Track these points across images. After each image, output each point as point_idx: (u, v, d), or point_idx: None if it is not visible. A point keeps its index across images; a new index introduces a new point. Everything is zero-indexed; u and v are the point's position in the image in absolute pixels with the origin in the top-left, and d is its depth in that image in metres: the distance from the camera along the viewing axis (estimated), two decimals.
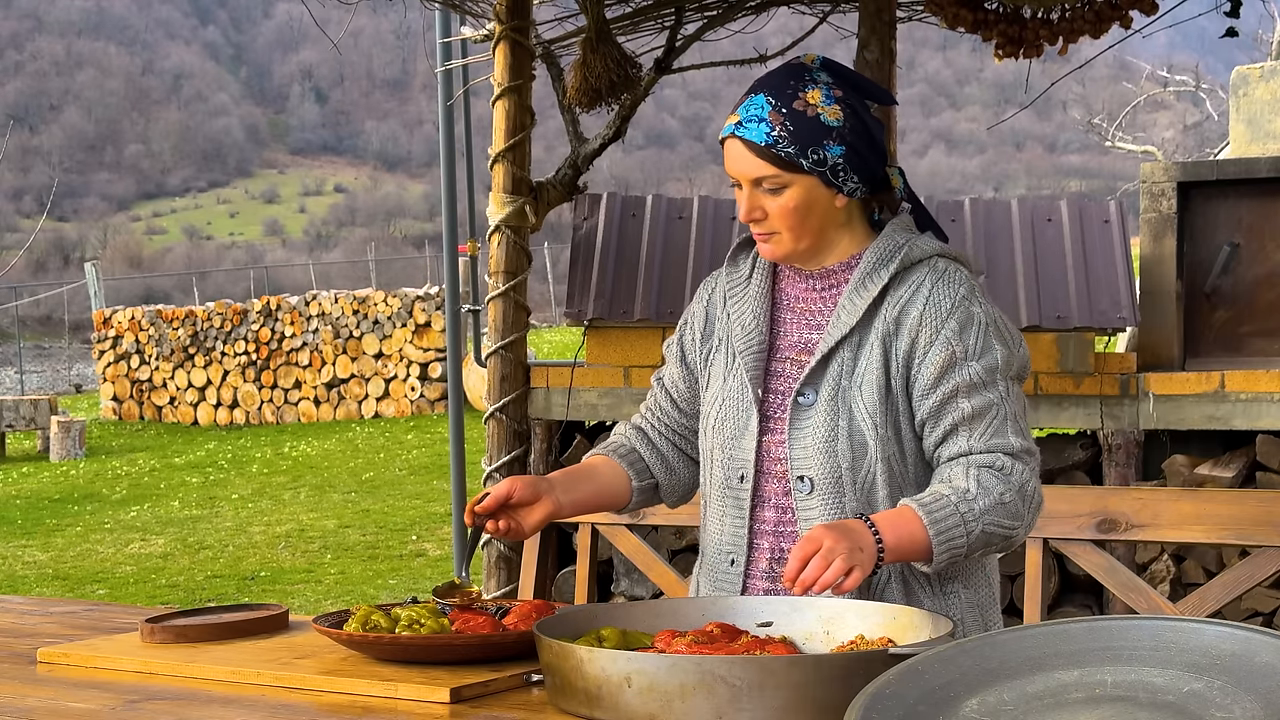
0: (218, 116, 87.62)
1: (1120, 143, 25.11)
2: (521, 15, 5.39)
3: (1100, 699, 1.85)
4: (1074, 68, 5.53)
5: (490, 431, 5.56)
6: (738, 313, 2.45)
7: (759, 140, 2.30)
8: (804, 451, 2.32)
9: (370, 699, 2.04)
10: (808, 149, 2.30)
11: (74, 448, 16.63)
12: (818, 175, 2.31)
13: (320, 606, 8.33)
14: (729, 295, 2.48)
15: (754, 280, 2.46)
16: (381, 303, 17.47)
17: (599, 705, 1.84)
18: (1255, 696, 1.81)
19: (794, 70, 2.36)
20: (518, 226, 5.47)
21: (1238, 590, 2.72)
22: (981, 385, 2.28)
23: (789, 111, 2.31)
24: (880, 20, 4.92)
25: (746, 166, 2.32)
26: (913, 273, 2.35)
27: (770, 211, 2.33)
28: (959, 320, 2.30)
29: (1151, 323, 5.46)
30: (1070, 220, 5.65)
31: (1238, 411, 5.11)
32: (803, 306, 2.42)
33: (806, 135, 2.30)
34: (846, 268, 2.39)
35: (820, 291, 2.41)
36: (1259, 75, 6.91)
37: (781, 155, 2.29)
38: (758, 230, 2.37)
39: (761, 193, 2.33)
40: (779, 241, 2.36)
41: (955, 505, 2.20)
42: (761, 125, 2.31)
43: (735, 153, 2.33)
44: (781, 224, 2.34)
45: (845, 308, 2.34)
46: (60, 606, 2.93)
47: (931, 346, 2.29)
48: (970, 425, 2.28)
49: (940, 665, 1.87)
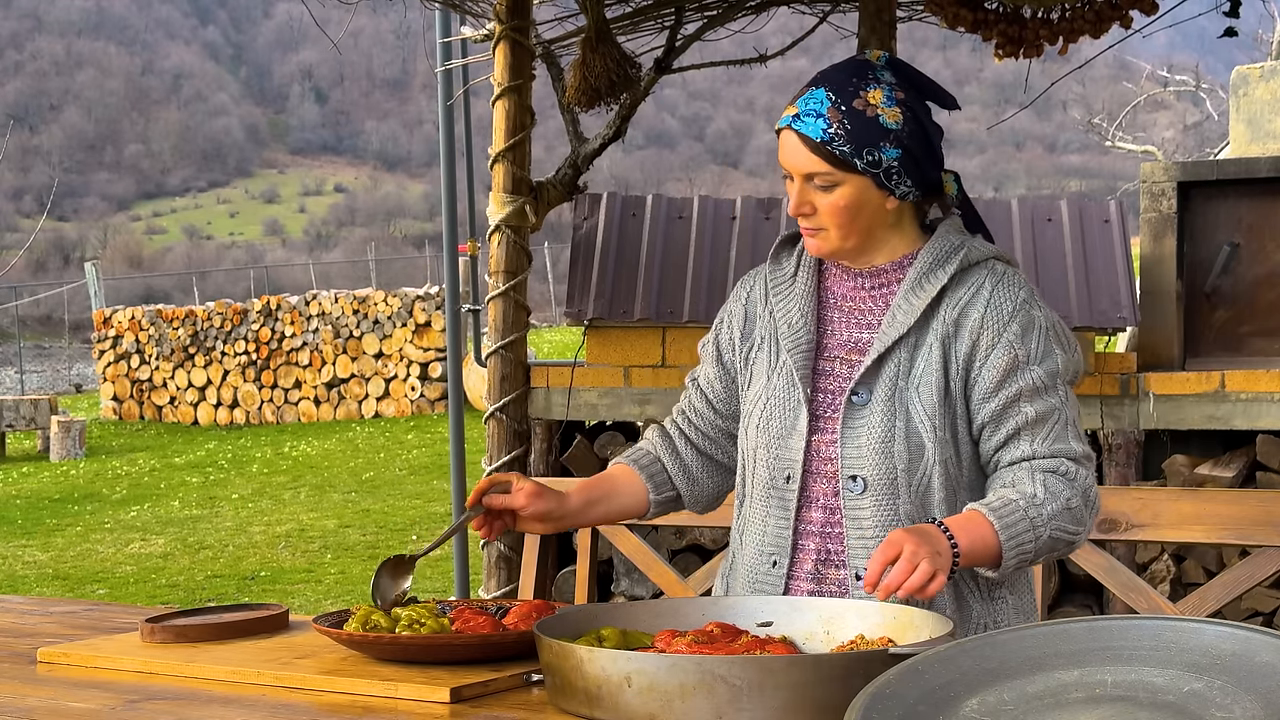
0: (218, 116, 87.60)
1: (1120, 143, 25.10)
2: (521, 15, 5.39)
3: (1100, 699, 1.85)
4: (1074, 68, 5.53)
5: (490, 431, 5.56)
6: (783, 310, 2.41)
7: (815, 136, 2.27)
8: (857, 451, 2.29)
9: (370, 699, 2.04)
10: (863, 150, 2.26)
11: (74, 448, 16.63)
12: (870, 177, 2.28)
13: (320, 606, 8.33)
14: (772, 292, 2.44)
15: (800, 278, 2.43)
16: (381, 303, 17.47)
17: (599, 705, 1.84)
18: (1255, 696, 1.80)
19: (858, 66, 2.33)
20: (518, 226, 5.47)
21: (1238, 590, 2.72)
22: (1043, 390, 2.27)
23: (848, 110, 2.27)
24: (880, 20, 4.92)
25: (800, 161, 2.29)
26: (971, 274, 2.33)
27: (819, 208, 2.31)
28: (1021, 324, 2.29)
29: (1151, 323, 5.46)
30: (1070, 220, 5.65)
31: (1238, 411, 5.11)
32: (851, 305, 2.39)
33: (863, 136, 2.27)
34: (898, 267, 2.36)
35: (870, 290, 2.38)
36: (1259, 75, 6.91)
37: (836, 154, 2.26)
38: (805, 225, 2.34)
39: (812, 188, 2.30)
40: (825, 238, 2.33)
41: (1024, 510, 2.19)
42: (819, 121, 2.28)
43: (790, 146, 2.30)
44: (830, 221, 2.31)
45: (901, 307, 2.32)
46: (60, 606, 2.93)
47: (994, 350, 2.28)
48: (1033, 430, 2.27)
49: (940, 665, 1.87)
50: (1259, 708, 1.78)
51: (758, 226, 5.82)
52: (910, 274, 2.33)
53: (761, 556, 2.37)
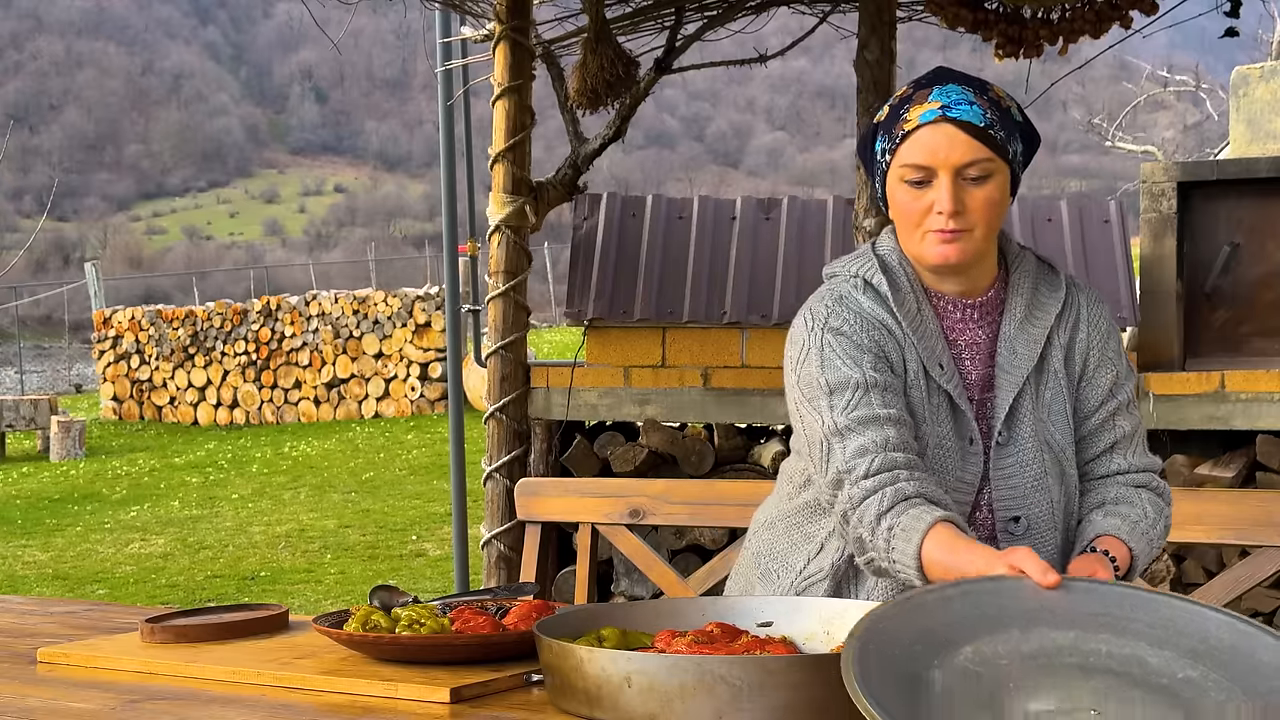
0: (218, 116, 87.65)
1: (1120, 143, 25.11)
2: (521, 15, 5.39)
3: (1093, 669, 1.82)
4: (1074, 68, 5.53)
5: (490, 431, 5.56)
6: (928, 349, 2.24)
7: (977, 121, 2.16)
8: (1011, 492, 2.25)
9: (370, 699, 2.04)
10: (1010, 137, 2.21)
11: (74, 448, 16.63)
12: (1012, 168, 2.22)
13: (320, 606, 8.33)
14: (910, 328, 2.25)
15: (925, 313, 2.26)
16: (381, 303, 17.47)
17: (599, 705, 1.84)
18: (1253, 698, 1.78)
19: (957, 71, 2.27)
20: (518, 226, 5.47)
21: (1238, 590, 2.72)
22: (1131, 404, 2.34)
23: (990, 99, 2.21)
24: (880, 20, 4.92)
25: (960, 151, 2.16)
26: (1070, 295, 2.33)
27: (970, 205, 2.17)
28: (1116, 341, 2.34)
29: (1151, 323, 5.46)
30: (1070, 220, 5.66)
31: (1238, 411, 5.11)
32: (967, 339, 2.29)
33: (1008, 124, 2.21)
34: (996, 295, 2.29)
35: (977, 322, 2.28)
36: (1259, 75, 6.91)
37: (997, 139, 2.17)
38: (954, 226, 2.18)
39: (964, 183, 2.17)
40: (971, 240, 2.19)
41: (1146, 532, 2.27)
42: (974, 107, 2.17)
43: (943, 137, 2.16)
44: (980, 218, 2.18)
45: (1020, 339, 2.27)
46: (60, 606, 2.93)
47: (1100, 368, 2.31)
48: (1126, 445, 2.33)
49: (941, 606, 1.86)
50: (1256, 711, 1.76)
51: (758, 226, 5.82)
52: (1016, 301, 2.28)
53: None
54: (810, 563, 2.36)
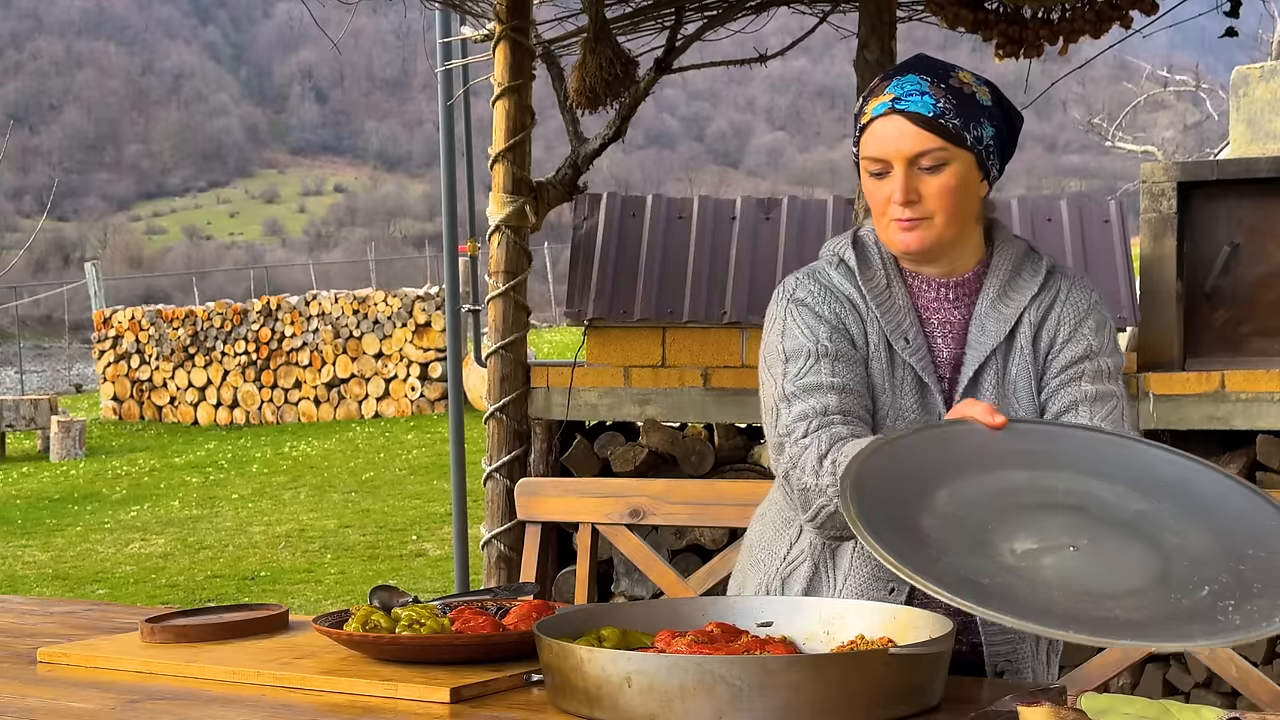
0: (218, 116, 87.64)
1: (1120, 143, 25.12)
2: (521, 15, 5.39)
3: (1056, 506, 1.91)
4: (1074, 68, 5.53)
5: (490, 431, 5.56)
6: (892, 324, 2.30)
7: (925, 112, 2.21)
8: None
9: (370, 699, 2.04)
10: (970, 124, 2.23)
11: (74, 448, 16.63)
12: (975, 155, 2.24)
13: (320, 606, 8.33)
14: (874, 302, 2.31)
15: (895, 290, 2.32)
16: (381, 303, 17.47)
17: (599, 705, 1.84)
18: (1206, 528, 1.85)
19: (929, 58, 2.31)
20: (518, 226, 5.47)
21: None
22: (1107, 376, 2.31)
23: (948, 87, 2.24)
24: (880, 20, 4.92)
25: (909, 142, 2.21)
26: (1051, 278, 2.35)
27: (926, 193, 2.23)
28: (1096, 320, 2.33)
29: (1151, 323, 5.46)
30: (1070, 220, 5.66)
31: (1238, 411, 5.11)
32: (940, 319, 2.33)
33: (968, 111, 2.23)
34: (976, 276, 2.34)
35: (953, 302, 2.33)
36: (1259, 75, 6.90)
37: (949, 127, 2.21)
38: (909, 215, 2.23)
39: (918, 173, 2.22)
40: (930, 228, 2.24)
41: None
42: (925, 98, 2.22)
43: (895, 128, 2.22)
44: (937, 205, 2.23)
45: (990, 317, 2.30)
46: (60, 606, 2.93)
47: (1069, 341, 2.31)
48: (1092, 405, 2.29)
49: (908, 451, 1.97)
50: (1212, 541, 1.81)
51: (758, 226, 5.82)
52: (992, 282, 2.32)
53: (878, 582, 2.30)
54: (792, 548, 2.39)
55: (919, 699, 1.85)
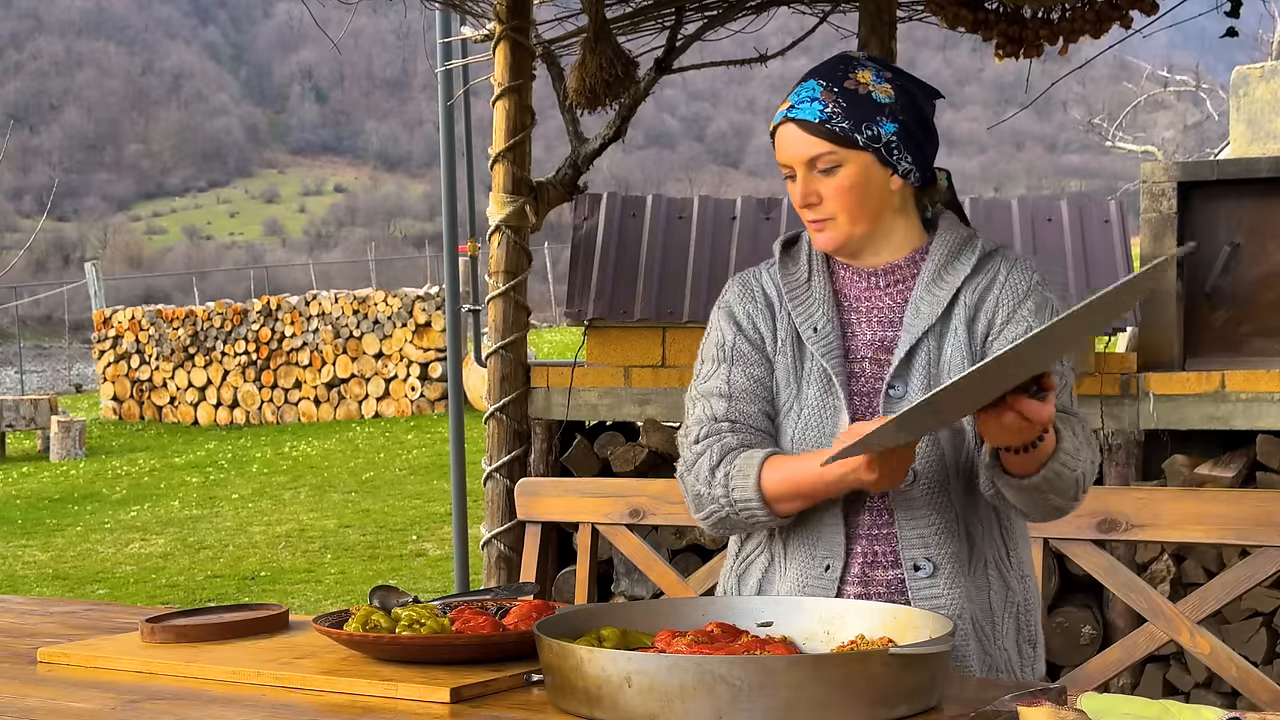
0: (218, 116, 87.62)
1: (1120, 143, 25.11)
2: (521, 15, 5.39)
3: None
4: (1074, 68, 5.53)
5: (490, 431, 5.56)
6: (803, 314, 2.37)
7: (813, 118, 2.28)
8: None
9: (370, 699, 2.04)
10: (862, 124, 2.27)
11: (74, 448, 16.63)
12: (873, 152, 2.28)
13: (320, 606, 8.33)
14: (788, 296, 2.39)
15: (815, 282, 2.39)
16: (381, 303, 17.47)
17: (599, 705, 1.84)
18: None
19: (842, 57, 2.36)
20: (518, 226, 5.47)
21: (1238, 590, 2.71)
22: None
23: (841, 90, 2.29)
24: (880, 20, 4.92)
25: (801, 148, 2.29)
26: (988, 261, 2.36)
27: (825, 194, 2.30)
28: (1035, 302, 2.33)
29: (1151, 323, 5.46)
30: (1070, 220, 5.66)
31: (1238, 411, 5.11)
32: (868, 306, 2.37)
33: (860, 112, 2.28)
34: (911, 263, 2.37)
35: (885, 289, 2.37)
36: (1259, 75, 6.91)
37: (836, 130, 2.27)
38: (813, 216, 2.32)
39: (816, 175, 2.30)
40: (835, 227, 2.32)
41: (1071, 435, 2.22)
42: (815, 104, 2.29)
43: (789, 136, 2.30)
44: (838, 205, 2.30)
45: (924, 299, 2.33)
46: (60, 606, 2.93)
47: (1008, 323, 2.31)
48: None
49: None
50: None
51: (758, 226, 5.82)
52: (927, 267, 2.35)
53: (814, 561, 2.33)
54: (745, 544, 2.45)
55: (919, 699, 1.85)
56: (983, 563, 2.32)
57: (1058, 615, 5.27)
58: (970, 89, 69.59)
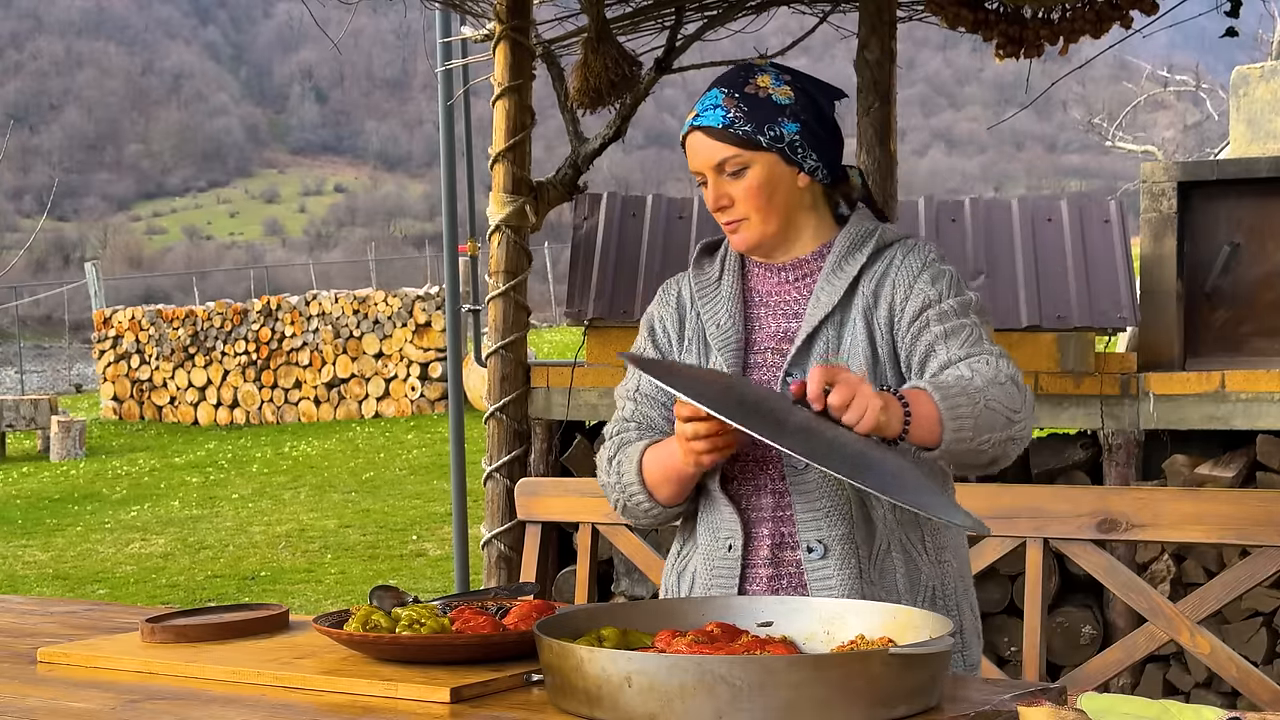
0: (218, 116, 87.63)
1: (1120, 143, 25.12)
2: (521, 15, 5.39)
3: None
4: (1074, 68, 5.53)
5: (490, 431, 5.56)
6: (710, 312, 2.47)
7: (716, 124, 2.37)
8: None
9: (370, 699, 2.04)
10: (764, 126, 2.36)
11: (74, 447, 16.63)
12: (776, 152, 2.37)
13: (320, 606, 8.33)
14: (698, 297, 2.50)
15: (724, 281, 2.49)
16: (381, 303, 17.47)
17: (599, 705, 1.84)
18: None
19: (743, 66, 2.47)
20: (518, 226, 5.47)
21: (1238, 590, 2.72)
22: (953, 313, 2.35)
23: (742, 95, 2.39)
24: (880, 20, 4.92)
25: (708, 153, 2.38)
26: (886, 251, 2.42)
27: (736, 196, 2.39)
28: (931, 274, 2.38)
29: (1151, 323, 5.47)
30: (1070, 220, 5.66)
31: (1238, 411, 5.11)
32: (776, 300, 2.46)
33: (761, 114, 2.37)
34: (817, 257, 2.44)
35: (793, 283, 2.45)
36: (1259, 75, 6.91)
37: (739, 134, 2.36)
38: (726, 219, 2.41)
39: (725, 179, 2.39)
40: (748, 227, 2.40)
41: (959, 383, 2.22)
42: (717, 110, 2.38)
43: (696, 144, 2.40)
44: (748, 206, 2.39)
45: (824, 289, 2.40)
46: (60, 606, 2.93)
47: (908, 300, 2.37)
48: (946, 341, 2.33)
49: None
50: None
51: None
52: (830, 258, 2.42)
53: (717, 542, 2.42)
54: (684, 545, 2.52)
55: (919, 699, 1.85)
56: (885, 546, 2.35)
57: (1058, 615, 5.28)
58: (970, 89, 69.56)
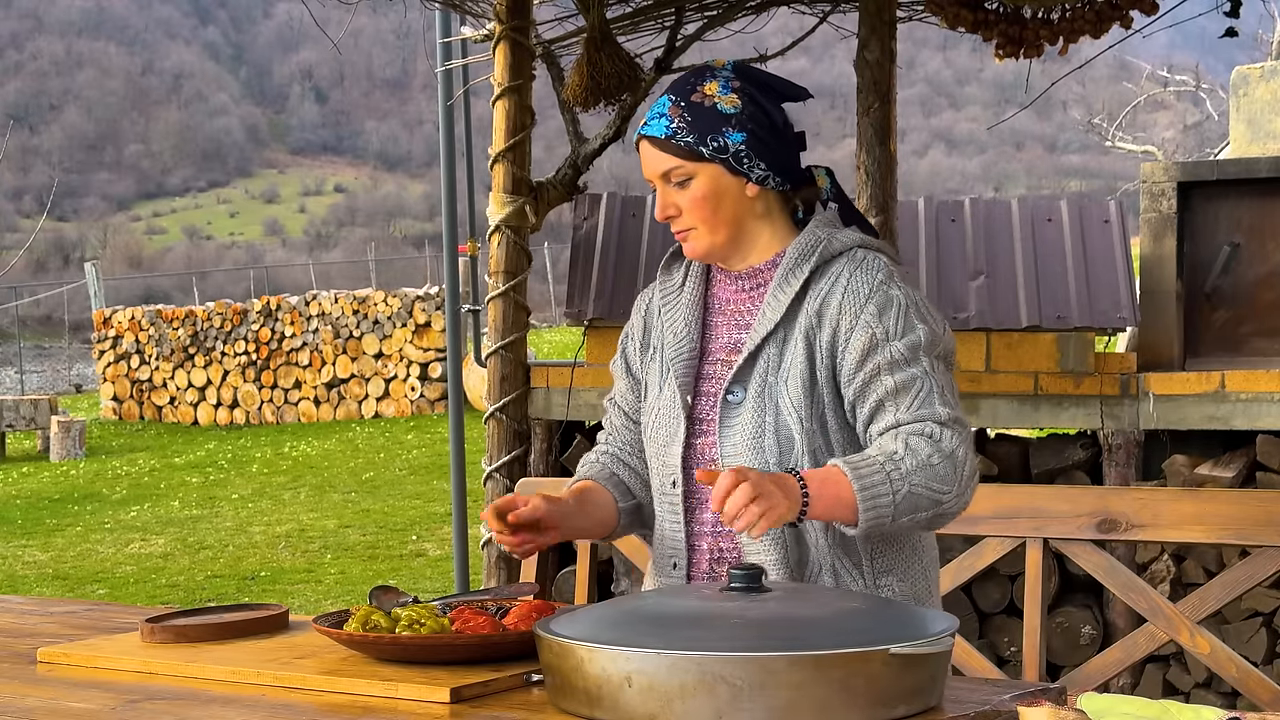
0: (218, 116, 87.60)
1: (1120, 143, 25.12)
2: (521, 15, 5.39)
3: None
4: (1074, 68, 5.53)
5: (490, 431, 5.56)
6: (670, 321, 2.48)
7: (660, 134, 2.36)
8: (734, 449, 2.35)
9: (370, 699, 2.04)
10: (706, 136, 2.35)
11: (74, 448, 16.63)
12: (720, 163, 2.35)
13: (320, 606, 8.33)
14: (662, 304, 2.51)
15: (687, 287, 2.49)
16: (381, 303, 17.47)
17: (599, 705, 1.85)
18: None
19: (698, 70, 2.44)
20: (518, 226, 5.47)
21: (1238, 590, 2.72)
22: (904, 362, 2.29)
23: (687, 104, 2.37)
24: (880, 20, 4.92)
25: (653, 163, 2.38)
26: (833, 265, 2.37)
27: (682, 206, 2.38)
28: (878, 304, 2.32)
29: (1151, 323, 5.47)
30: (1070, 220, 5.66)
31: (1238, 411, 5.11)
32: (732, 308, 2.45)
33: (704, 124, 2.35)
34: (771, 266, 2.42)
35: (749, 292, 2.44)
36: (1259, 75, 6.91)
37: (681, 145, 2.35)
38: (676, 229, 2.41)
39: (672, 189, 2.38)
40: (697, 237, 2.39)
41: (882, 465, 2.20)
42: (662, 120, 2.37)
43: (643, 153, 2.40)
44: (695, 217, 2.38)
45: (770, 304, 2.37)
46: (60, 606, 2.93)
47: (853, 332, 2.31)
48: (896, 399, 2.28)
49: None
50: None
51: None
52: (778, 271, 2.39)
53: (664, 560, 2.46)
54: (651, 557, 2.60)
55: (919, 699, 1.85)
56: (817, 569, 2.34)
57: (1058, 615, 5.28)
58: (970, 89, 69.51)
